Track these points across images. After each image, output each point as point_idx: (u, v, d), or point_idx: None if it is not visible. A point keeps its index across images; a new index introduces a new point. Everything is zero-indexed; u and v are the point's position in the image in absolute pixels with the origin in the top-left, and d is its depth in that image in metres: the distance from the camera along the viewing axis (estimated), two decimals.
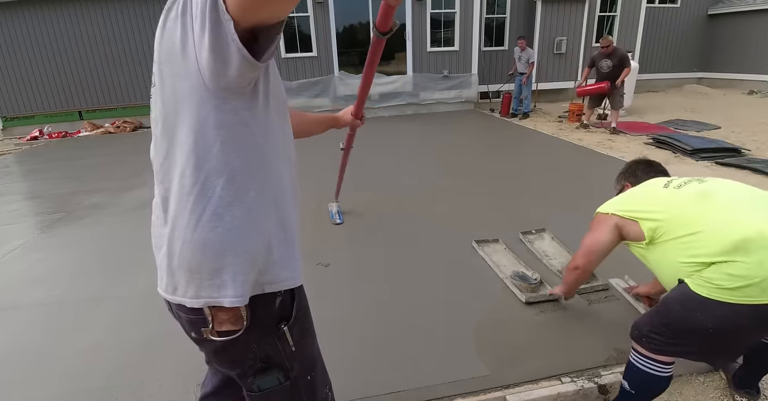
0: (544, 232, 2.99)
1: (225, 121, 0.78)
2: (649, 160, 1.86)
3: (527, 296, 2.22)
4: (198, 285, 0.84)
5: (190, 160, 0.79)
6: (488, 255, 2.70)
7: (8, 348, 2.14)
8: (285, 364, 0.95)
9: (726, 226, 1.30)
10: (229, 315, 0.86)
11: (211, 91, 0.75)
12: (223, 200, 0.81)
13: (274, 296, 0.90)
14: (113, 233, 3.61)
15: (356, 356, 1.92)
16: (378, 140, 7.04)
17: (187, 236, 0.82)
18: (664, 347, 1.39)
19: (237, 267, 0.83)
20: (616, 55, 6.72)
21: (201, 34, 0.69)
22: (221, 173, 0.80)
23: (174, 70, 0.76)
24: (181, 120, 0.79)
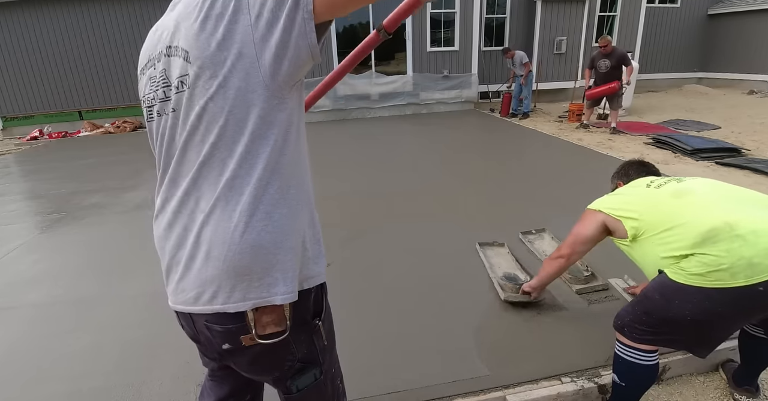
0: (544, 232, 2.99)
1: (279, 119, 0.79)
2: (642, 160, 1.94)
3: (506, 295, 2.21)
4: (246, 288, 0.81)
5: (245, 160, 0.78)
6: (488, 258, 2.68)
7: (8, 348, 2.14)
8: (319, 359, 0.96)
9: (696, 220, 1.38)
10: (272, 317, 0.84)
11: (271, 89, 0.75)
12: (273, 198, 0.81)
13: (309, 293, 0.91)
14: (113, 233, 3.61)
15: (356, 356, 1.92)
16: (378, 140, 7.05)
17: (236, 237, 0.79)
18: (646, 336, 1.44)
19: (286, 264, 0.83)
20: (614, 55, 6.72)
21: (267, 33, 0.71)
22: (274, 172, 0.80)
23: (228, 70, 0.73)
24: (236, 120, 0.76)
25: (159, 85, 0.83)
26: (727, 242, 1.28)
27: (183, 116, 0.80)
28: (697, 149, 5.28)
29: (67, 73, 9.55)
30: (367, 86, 9.43)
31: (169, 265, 0.89)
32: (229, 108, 0.75)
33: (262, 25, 0.70)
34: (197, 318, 0.88)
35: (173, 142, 0.83)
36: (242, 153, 0.77)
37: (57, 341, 2.17)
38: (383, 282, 2.56)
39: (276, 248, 0.82)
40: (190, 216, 0.83)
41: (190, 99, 0.77)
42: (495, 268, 2.55)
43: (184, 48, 0.76)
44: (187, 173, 0.82)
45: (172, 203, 0.86)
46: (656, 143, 5.95)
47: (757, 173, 4.46)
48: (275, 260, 0.82)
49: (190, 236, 0.83)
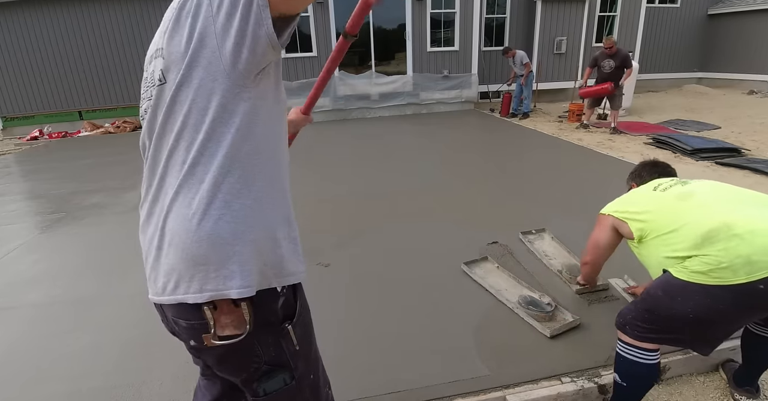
0: (544, 232, 2.98)
1: (242, 109, 0.80)
2: (655, 161, 1.99)
3: (551, 330, 1.97)
4: (203, 278, 0.81)
5: (206, 148, 0.79)
6: (482, 279, 2.46)
7: (8, 348, 2.14)
8: (290, 364, 0.94)
9: (696, 221, 1.41)
10: (231, 318, 0.84)
11: (232, 79, 0.77)
12: (234, 187, 0.81)
13: (277, 295, 0.89)
14: (113, 233, 3.61)
15: (356, 356, 1.92)
16: (378, 140, 7.05)
17: (194, 225, 0.80)
18: (648, 333, 1.44)
19: (244, 256, 0.82)
20: (618, 55, 6.72)
21: (227, 22, 0.73)
22: (236, 160, 0.81)
23: (190, 60, 0.77)
24: (198, 109, 0.79)
25: (149, 84, 0.87)
26: (725, 242, 1.30)
27: (157, 108, 0.83)
28: (697, 149, 5.28)
29: (67, 73, 9.55)
30: (367, 86, 9.42)
31: (146, 256, 0.90)
32: (192, 97, 0.78)
33: (222, 16, 0.73)
34: (167, 311, 0.90)
35: (149, 134, 0.87)
36: (203, 141, 0.79)
37: (56, 341, 2.17)
38: (383, 282, 2.56)
39: (234, 239, 0.81)
40: (160, 206, 0.85)
41: (161, 91, 0.82)
42: (502, 293, 2.31)
43: (162, 47, 0.81)
44: (159, 164, 0.85)
45: (149, 194, 0.88)
46: (656, 143, 5.95)
47: (757, 173, 4.46)
48: (233, 252, 0.81)
49: (155, 230, 0.85)
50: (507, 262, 2.69)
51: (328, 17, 9.01)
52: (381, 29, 9.56)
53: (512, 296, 2.27)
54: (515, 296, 2.26)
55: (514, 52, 8.49)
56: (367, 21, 9.36)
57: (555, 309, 2.10)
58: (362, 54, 9.72)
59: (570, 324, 2.01)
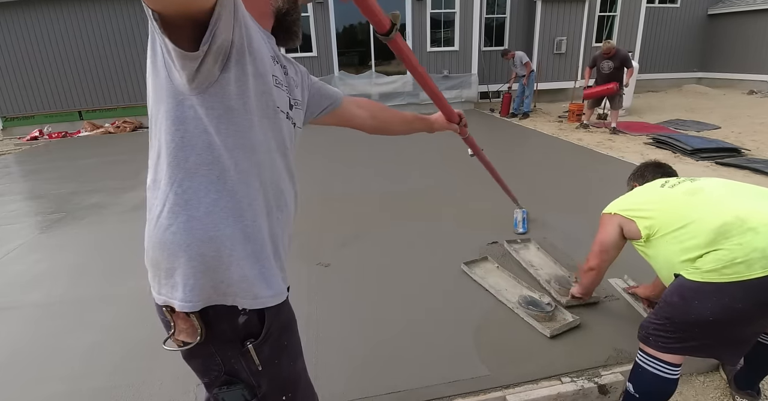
0: (529, 242, 2.88)
1: (186, 117, 0.77)
2: (658, 162, 1.95)
3: (551, 330, 1.97)
4: (159, 282, 0.84)
5: (160, 155, 0.80)
6: (482, 279, 2.47)
7: (8, 348, 2.14)
8: (251, 381, 0.89)
9: (708, 216, 1.37)
10: (186, 325, 0.83)
11: (174, 85, 0.76)
12: (180, 197, 0.79)
13: (236, 314, 0.84)
14: (113, 233, 3.61)
15: (356, 356, 1.92)
16: (377, 140, 7.04)
17: (150, 230, 0.83)
18: (671, 343, 1.39)
19: (188, 270, 0.80)
20: (617, 56, 6.74)
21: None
22: (180, 170, 0.79)
23: (150, 67, 0.79)
24: (155, 116, 0.80)
25: None
26: (739, 236, 1.27)
27: None
28: (697, 149, 5.28)
29: (67, 73, 9.55)
30: (367, 86, 9.42)
31: None
32: (152, 103, 0.81)
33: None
34: None
35: None
36: (157, 147, 0.81)
37: (57, 341, 2.17)
38: (383, 282, 2.56)
39: (178, 250, 0.79)
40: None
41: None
42: (502, 293, 2.32)
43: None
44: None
45: None
46: (656, 143, 5.95)
47: (757, 173, 4.46)
48: (177, 264, 0.80)
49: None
50: (507, 262, 2.69)
51: (328, 17, 9.01)
52: None
53: (512, 297, 2.26)
54: (515, 296, 2.25)
55: (513, 54, 8.51)
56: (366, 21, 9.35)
57: (555, 309, 2.10)
58: (362, 54, 9.73)
59: (570, 324, 2.01)
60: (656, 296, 2.03)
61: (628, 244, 1.70)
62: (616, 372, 1.75)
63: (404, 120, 1.46)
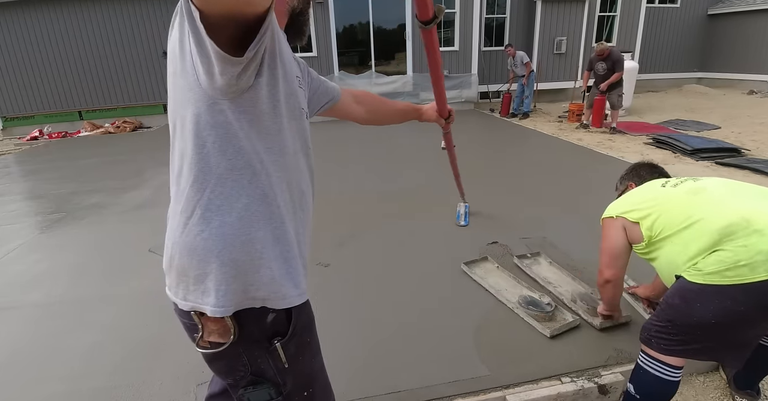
0: (539, 256, 2.72)
1: (217, 122, 0.75)
2: (652, 163, 1.91)
3: (551, 330, 1.96)
4: (185, 288, 0.83)
5: (185, 159, 0.79)
6: (482, 279, 2.46)
7: (8, 348, 2.14)
8: (277, 379, 0.90)
9: (712, 216, 1.34)
10: (217, 326, 0.83)
11: (204, 89, 0.73)
12: (213, 203, 0.78)
13: (266, 312, 0.85)
14: (113, 233, 3.61)
15: (356, 356, 1.92)
16: (377, 139, 7.04)
17: (176, 236, 0.82)
18: (674, 346, 1.37)
19: (220, 276, 0.80)
20: (610, 58, 6.77)
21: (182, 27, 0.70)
22: (211, 175, 0.78)
23: (174, 69, 0.76)
24: (180, 119, 0.78)
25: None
26: (744, 238, 1.25)
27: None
28: (697, 149, 5.28)
29: (67, 73, 9.55)
30: (367, 86, 9.42)
31: None
32: (176, 105, 0.78)
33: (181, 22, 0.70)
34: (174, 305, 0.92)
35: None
36: (182, 152, 0.79)
37: (57, 341, 2.17)
38: (382, 282, 2.56)
39: (210, 256, 0.79)
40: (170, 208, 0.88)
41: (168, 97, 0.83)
42: (502, 293, 2.30)
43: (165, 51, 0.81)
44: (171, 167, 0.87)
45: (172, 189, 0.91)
46: (656, 143, 5.95)
47: (757, 173, 4.46)
48: (209, 269, 0.79)
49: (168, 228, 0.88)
50: (507, 262, 2.68)
51: (328, 17, 9.01)
52: (381, 29, 9.57)
53: (512, 297, 2.26)
54: (515, 296, 2.25)
55: (515, 52, 8.50)
56: (367, 21, 9.37)
57: (555, 309, 2.09)
58: (362, 54, 9.73)
59: (570, 324, 2.00)
60: (656, 297, 2.02)
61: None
62: (616, 372, 1.75)
63: (397, 111, 1.52)
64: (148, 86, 9.84)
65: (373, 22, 9.36)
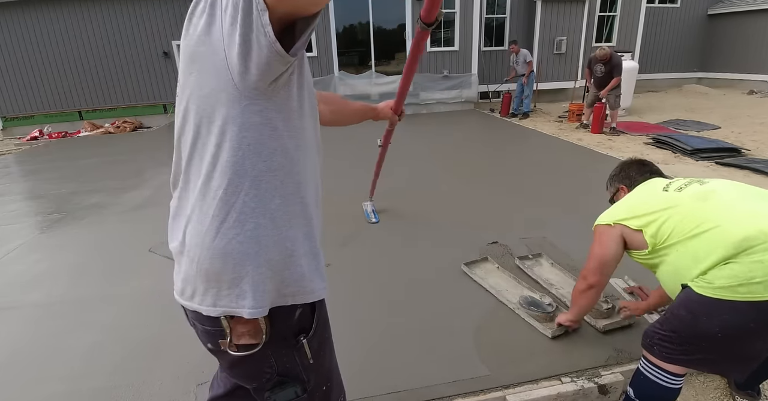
0: (540, 257, 2.69)
1: (252, 122, 0.74)
2: (641, 160, 1.82)
3: (552, 330, 1.94)
4: (216, 294, 0.81)
5: (216, 162, 0.76)
6: (482, 280, 2.45)
7: (8, 348, 2.14)
8: (302, 376, 0.92)
9: (728, 226, 1.27)
10: (248, 328, 0.83)
11: (240, 89, 0.71)
12: (247, 205, 0.77)
13: (294, 309, 0.87)
14: (113, 233, 3.61)
15: (356, 356, 1.92)
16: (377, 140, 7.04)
17: (207, 242, 0.78)
18: (676, 355, 1.34)
19: (257, 277, 0.80)
20: (610, 63, 6.75)
21: (231, 28, 0.66)
22: (246, 178, 0.76)
23: (201, 67, 0.73)
24: (207, 121, 0.75)
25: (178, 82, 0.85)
26: (762, 253, 1.19)
27: (178, 113, 0.81)
28: (697, 149, 5.28)
29: (67, 73, 9.55)
30: (367, 86, 9.42)
31: (172, 254, 0.91)
32: (203, 106, 0.75)
33: (227, 20, 0.67)
34: (187, 311, 0.90)
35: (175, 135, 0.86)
36: (214, 154, 0.76)
37: (57, 341, 2.17)
38: (382, 282, 2.56)
39: (247, 259, 0.79)
40: (182, 213, 0.85)
41: (181, 97, 0.79)
42: (503, 293, 2.29)
43: (182, 47, 0.77)
44: (179, 172, 0.84)
45: (175, 193, 0.88)
46: (656, 143, 5.95)
47: (757, 173, 4.46)
48: (245, 272, 0.79)
49: (180, 233, 0.84)
50: (507, 262, 2.68)
51: (328, 17, 9.00)
52: (381, 29, 9.57)
53: (513, 297, 2.25)
54: (516, 296, 2.24)
55: (518, 49, 8.50)
56: (367, 21, 9.37)
57: (556, 310, 2.09)
58: (362, 54, 9.73)
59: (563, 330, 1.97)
60: (659, 305, 1.92)
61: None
62: (616, 372, 1.75)
63: (356, 111, 1.57)
64: (148, 86, 9.84)
65: (373, 22, 9.36)
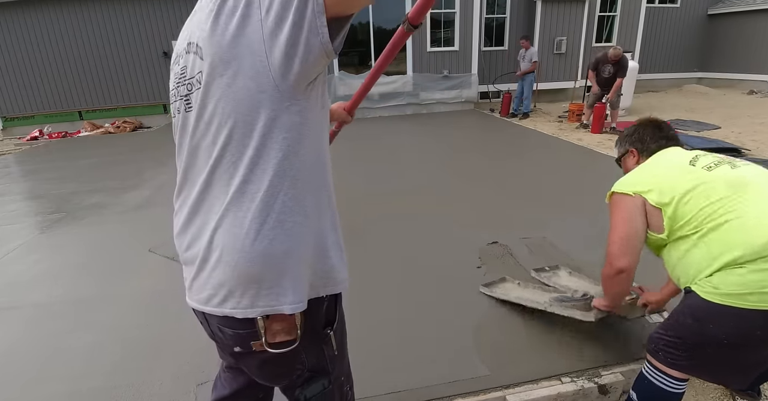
0: (558, 269, 2.53)
1: (293, 122, 0.75)
2: (657, 122, 1.62)
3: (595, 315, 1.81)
4: (255, 295, 0.80)
5: (256, 165, 0.75)
6: (506, 296, 2.28)
7: (8, 348, 2.14)
8: (328, 368, 0.95)
9: (755, 224, 1.17)
10: (283, 325, 0.83)
11: (282, 90, 0.71)
12: (286, 205, 0.78)
13: (322, 301, 0.88)
14: (113, 233, 3.61)
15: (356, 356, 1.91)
16: (377, 140, 7.04)
17: (247, 245, 0.77)
18: (680, 361, 1.32)
19: (297, 273, 0.81)
20: (619, 63, 6.72)
21: (277, 29, 0.66)
22: (287, 178, 0.77)
23: (237, 69, 0.71)
24: (244, 123, 0.73)
25: (180, 82, 0.82)
26: None
27: (197, 115, 0.78)
28: (697, 149, 5.27)
29: (67, 73, 9.55)
30: None
31: (184, 260, 0.90)
32: (238, 109, 0.73)
33: (272, 20, 0.66)
34: (210, 319, 0.88)
35: (186, 140, 0.84)
36: (252, 157, 0.75)
37: (57, 341, 2.17)
38: (382, 282, 2.56)
39: (288, 256, 0.80)
40: (204, 217, 0.82)
41: (204, 98, 0.76)
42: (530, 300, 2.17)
43: (198, 44, 0.74)
44: (199, 174, 0.81)
45: (188, 201, 0.85)
46: None
47: None
48: (286, 269, 0.80)
49: (204, 238, 0.82)
50: (507, 262, 2.68)
51: None
52: (381, 29, 9.57)
53: (541, 299, 2.14)
54: (544, 298, 2.14)
55: (529, 45, 8.48)
56: (366, 21, 9.36)
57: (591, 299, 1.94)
58: (362, 54, 9.72)
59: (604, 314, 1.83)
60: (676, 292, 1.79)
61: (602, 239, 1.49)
62: (616, 372, 1.75)
63: None
64: (148, 86, 9.84)
65: (373, 22, 9.36)
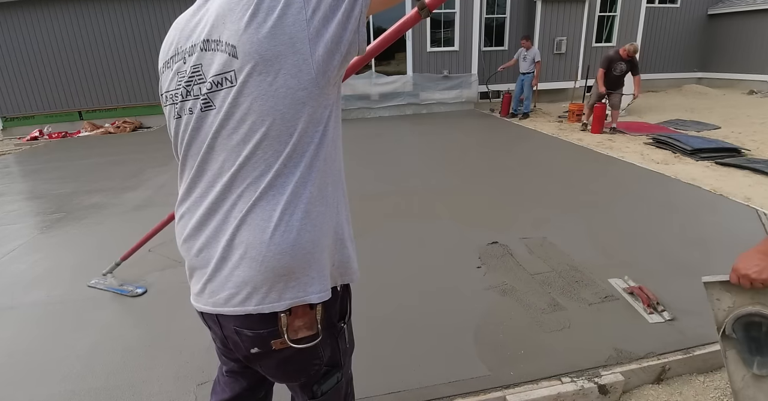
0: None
1: (323, 116, 0.78)
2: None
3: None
4: (283, 288, 0.80)
5: (290, 159, 0.76)
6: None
7: (8, 348, 2.14)
8: (341, 361, 0.96)
9: None
10: (304, 320, 0.83)
11: (320, 86, 0.75)
12: (312, 195, 0.80)
13: (337, 295, 0.90)
14: (113, 233, 3.61)
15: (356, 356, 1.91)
16: (377, 140, 7.05)
17: (276, 238, 0.77)
18: None
19: (321, 262, 0.82)
20: (632, 60, 6.70)
21: (323, 28, 0.71)
22: (313, 169, 0.79)
23: (280, 67, 0.71)
24: (282, 119, 0.74)
25: (192, 80, 0.79)
26: None
27: (225, 114, 0.76)
28: (697, 149, 5.27)
29: (67, 73, 9.55)
30: (367, 86, 9.42)
31: (193, 265, 0.87)
32: (277, 107, 0.73)
33: (318, 20, 0.70)
34: (225, 322, 0.86)
35: (199, 140, 0.81)
36: (288, 152, 0.76)
37: (57, 341, 2.17)
38: (382, 282, 2.56)
39: (314, 246, 0.81)
40: (224, 217, 0.80)
41: (237, 97, 0.74)
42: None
43: (229, 43, 0.73)
44: (220, 174, 0.80)
45: (203, 203, 0.83)
46: (656, 143, 5.94)
47: (757, 173, 4.46)
48: (313, 259, 0.81)
49: (223, 238, 0.80)
50: (507, 262, 2.69)
51: None
52: (381, 29, 9.57)
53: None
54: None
55: (530, 45, 8.46)
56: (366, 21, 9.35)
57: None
58: None
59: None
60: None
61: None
62: (616, 372, 1.75)
63: None
64: (148, 86, 9.84)
65: (373, 22, 9.36)
